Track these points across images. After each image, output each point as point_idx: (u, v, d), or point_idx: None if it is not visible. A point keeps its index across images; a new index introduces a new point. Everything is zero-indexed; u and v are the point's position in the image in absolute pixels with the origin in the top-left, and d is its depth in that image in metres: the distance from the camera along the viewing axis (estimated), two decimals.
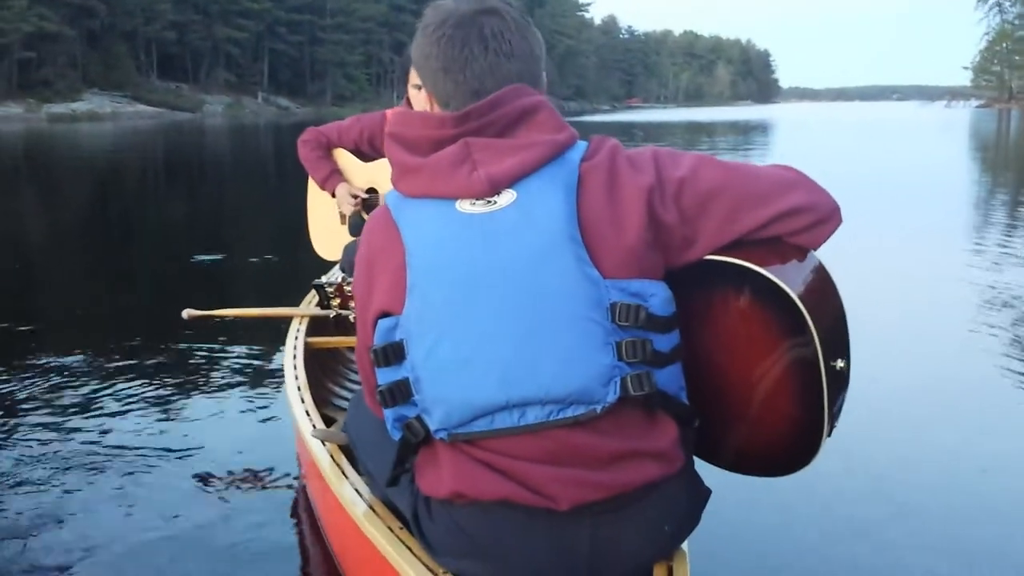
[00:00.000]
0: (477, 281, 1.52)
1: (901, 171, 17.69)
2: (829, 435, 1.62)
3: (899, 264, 7.54)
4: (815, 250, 1.69)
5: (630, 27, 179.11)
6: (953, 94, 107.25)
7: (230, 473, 3.09)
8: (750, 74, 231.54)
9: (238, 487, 3.00)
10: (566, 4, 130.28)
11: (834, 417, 1.63)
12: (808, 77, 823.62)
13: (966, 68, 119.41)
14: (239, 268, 7.43)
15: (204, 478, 3.05)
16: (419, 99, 3.21)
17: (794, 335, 1.58)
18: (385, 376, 1.60)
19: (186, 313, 3.73)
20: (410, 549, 1.71)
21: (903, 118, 61.03)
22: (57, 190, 15.97)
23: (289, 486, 3.00)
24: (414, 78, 3.33)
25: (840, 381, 1.62)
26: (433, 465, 1.60)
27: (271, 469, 3.12)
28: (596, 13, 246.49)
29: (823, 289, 1.65)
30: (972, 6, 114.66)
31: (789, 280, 1.58)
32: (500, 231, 1.53)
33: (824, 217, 1.67)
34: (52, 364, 4.43)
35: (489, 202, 1.55)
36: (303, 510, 2.78)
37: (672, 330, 1.58)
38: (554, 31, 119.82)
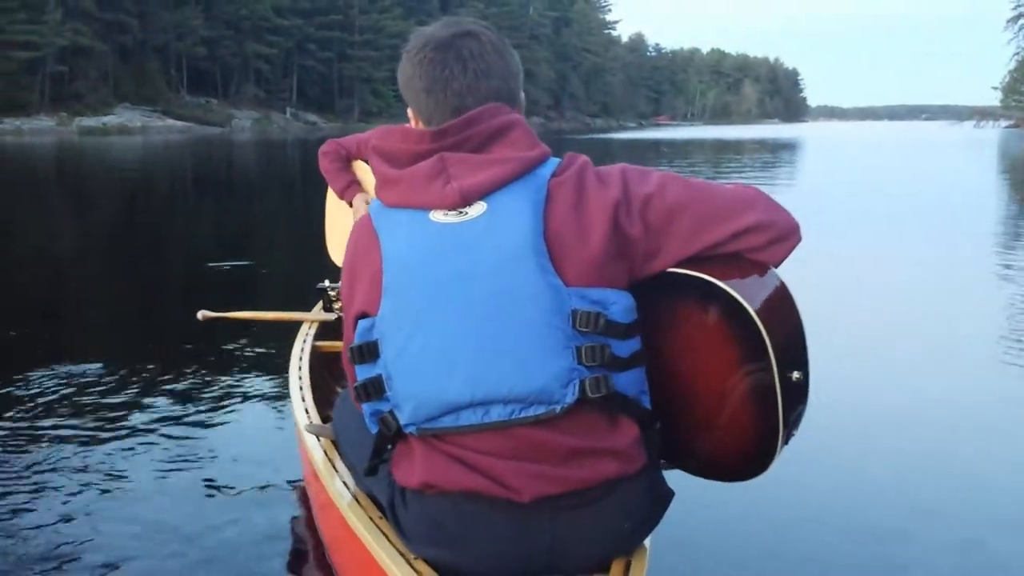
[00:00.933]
0: (446, 287, 1.63)
1: (933, 190, 17.53)
2: (786, 443, 1.70)
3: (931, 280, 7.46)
4: (775, 267, 1.77)
5: (657, 45, 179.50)
6: (982, 114, 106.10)
7: (236, 469, 3.22)
8: (777, 93, 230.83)
9: (244, 483, 3.10)
10: (593, 22, 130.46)
11: (791, 426, 1.70)
12: (836, 96, 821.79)
13: (995, 88, 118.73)
14: (261, 275, 7.63)
15: (211, 475, 3.18)
16: None
17: (750, 347, 1.65)
18: (362, 373, 1.72)
19: (201, 314, 3.87)
20: (387, 537, 1.81)
21: (932, 138, 60.53)
22: (87, 201, 16.29)
23: (289, 481, 3.09)
24: None
25: (797, 393, 1.69)
26: (407, 457, 1.71)
27: (276, 465, 3.22)
28: (624, 31, 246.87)
29: (781, 304, 1.73)
30: (1001, 27, 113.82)
31: (747, 294, 1.66)
32: (469, 240, 1.63)
33: (782, 235, 1.76)
34: (76, 362, 4.58)
35: (461, 213, 1.65)
36: (301, 504, 2.88)
37: (632, 337, 1.67)
38: (581, 49, 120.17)
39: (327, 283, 3.67)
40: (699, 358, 1.75)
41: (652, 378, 1.74)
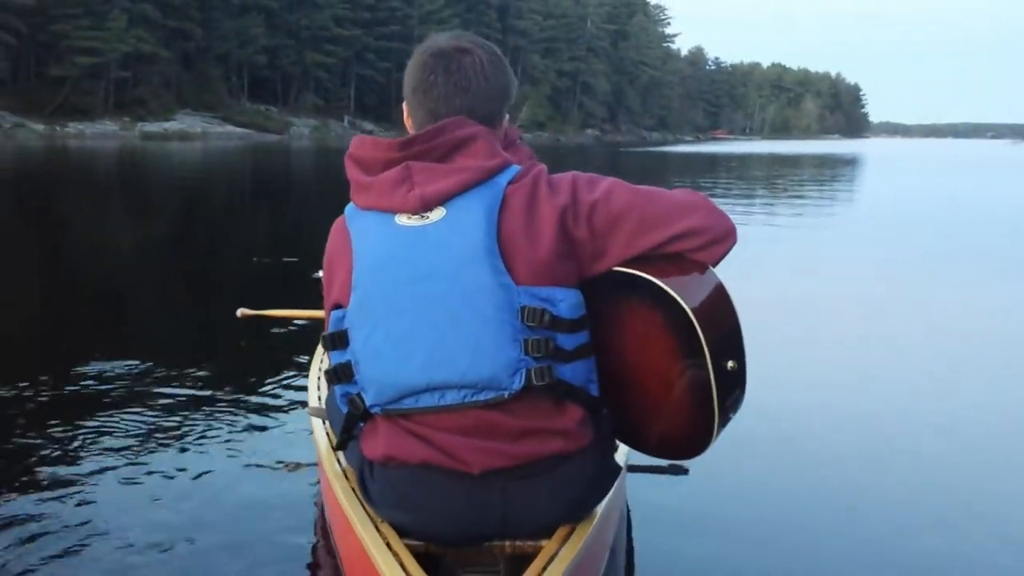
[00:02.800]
0: (407, 284, 1.83)
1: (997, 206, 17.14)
2: (723, 425, 1.90)
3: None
4: (713, 266, 1.96)
5: (717, 59, 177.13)
6: None
7: (266, 459, 3.43)
8: (839, 108, 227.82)
9: (272, 471, 3.33)
10: (652, 35, 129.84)
11: (727, 410, 1.91)
12: (899, 113, 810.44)
13: None
14: (308, 273, 7.70)
15: (242, 464, 3.38)
16: None
17: (687, 340, 1.84)
18: (334, 359, 1.95)
19: (240, 312, 4.07)
20: (362, 504, 2.02)
21: (997, 156, 59.32)
22: (147, 201, 16.90)
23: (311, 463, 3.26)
24: None
25: (732, 380, 1.89)
26: (373, 434, 1.92)
27: (298, 456, 3.42)
28: (683, 45, 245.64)
29: (717, 300, 1.92)
30: None
31: (684, 291, 1.85)
32: (429, 242, 1.82)
33: (718, 238, 1.94)
34: (120, 350, 4.96)
35: (423, 217, 1.84)
36: (315, 490, 3.08)
37: (577, 331, 1.87)
38: (639, 62, 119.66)
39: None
40: (644, 350, 1.93)
41: (604, 368, 1.94)
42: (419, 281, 1.82)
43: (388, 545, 1.86)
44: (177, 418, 3.84)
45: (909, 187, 26.51)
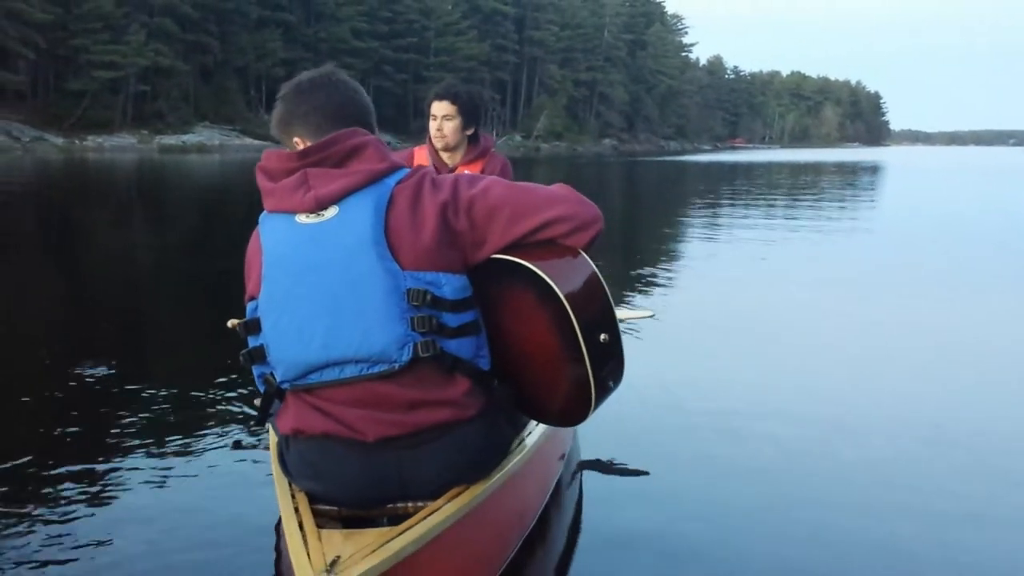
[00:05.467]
0: (306, 274, 2.09)
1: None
2: (603, 393, 2.17)
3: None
4: (584, 250, 2.21)
5: (736, 67, 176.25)
6: None
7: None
8: (859, 116, 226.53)
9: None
10: (669, 45, 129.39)
11: (606, 379, 2.17)
12: (921, 120, 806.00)
13: None
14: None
15: (242, 457, 3.62)
16: (432, 128, 4.05)
17: (560, 316, 2.10)
18: (251, 343, 2.21)
19: (230, 323, 4.26)
20: (286, 479, 2.28)
21: (1018, 163, 58.70)
22: (166, 214, 17.29)
23: None
24: (436, 109, 4.03)
25: (605, 351, 2.15)
26: (284, 410, 2.20)
27: None
28: (702, 54, 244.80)
29: (586, 280, 2.17)
30: None
31: (554, 273, 2.11)
32: (324, 237, 2.08)
33: (582, 225, 2.20)
34: (131, 355, 5.29)
35: (319, 215, 2.10)
36: None
37: (462, 311, 2.11)
38: (656, 71, 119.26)
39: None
40: (527, 328, 2.18)
41: (495, 345, 2.21)
42: (316, 270, 2.08)
43: (296, 511, 2.09)
44: (189, 415, 4.12)
45: (940, 193, 26.11)
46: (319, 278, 2.07)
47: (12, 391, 4.56)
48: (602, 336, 2.12)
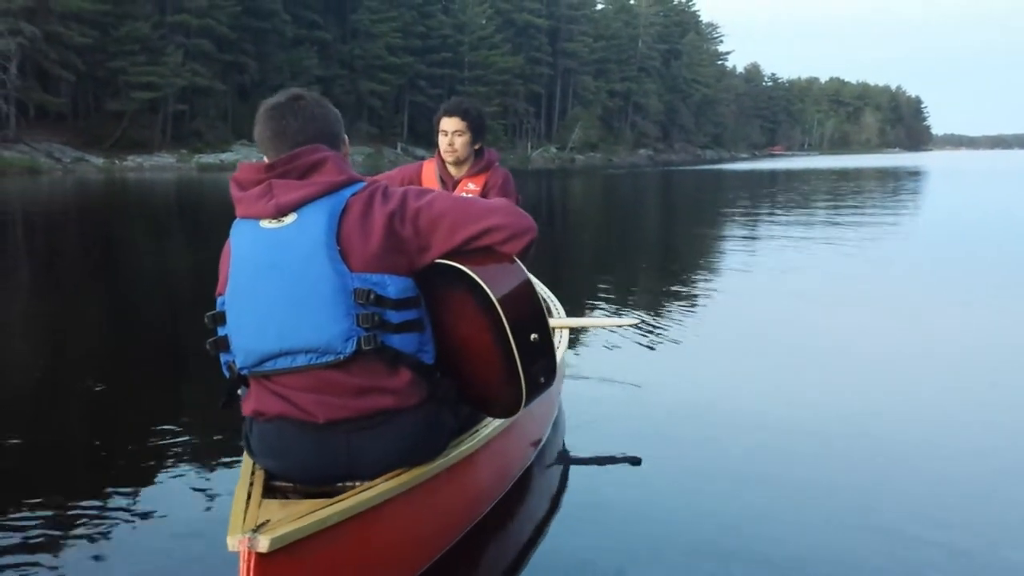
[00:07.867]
0: (265, 273, 2.35)
1: None
2: (534, 389, 2.40)
3: None
4: (518, 256, 2.44)
5: (774, 75, 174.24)
6: None
7: None
8: (899, 121, 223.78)
9: None
10: (704, 54, 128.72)
11: (536, 375, 2.39)
12: (964, 124, 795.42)
13: None
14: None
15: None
16: (443, 143, 4.34)
17: (493, 317, 2.31)
18: (219, 333, 2.46)
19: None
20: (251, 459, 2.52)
21: None
22: (205, 231, 17.32)
23: None
24: (446, 125, 4.33)
25: (535, 349, 2.37)
26: (248, 395, 2.45)
27: None
28: (739, 62, 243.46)
29: (518, 284, 2.39)
30: None
31: (489, 277, 2.33)
32: (283, 240, 2.34)
33: (517, 233, 2.43)
34: (163, 364, 5.70)
35: (279, 221, 2.36)
36: None
37: (405, 309, 2.34)
38: (691, 80, 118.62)
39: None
40: (467, 326, 2.39)
41: (439, 342, 2.45)
42: (275, 269, 2.33)
43: (252, 485, 2.33)
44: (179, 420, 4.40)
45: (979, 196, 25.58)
46: (277, 276, 2.32)
47: (56, 406, 4.79)
48: (532, 336, 2.35)
